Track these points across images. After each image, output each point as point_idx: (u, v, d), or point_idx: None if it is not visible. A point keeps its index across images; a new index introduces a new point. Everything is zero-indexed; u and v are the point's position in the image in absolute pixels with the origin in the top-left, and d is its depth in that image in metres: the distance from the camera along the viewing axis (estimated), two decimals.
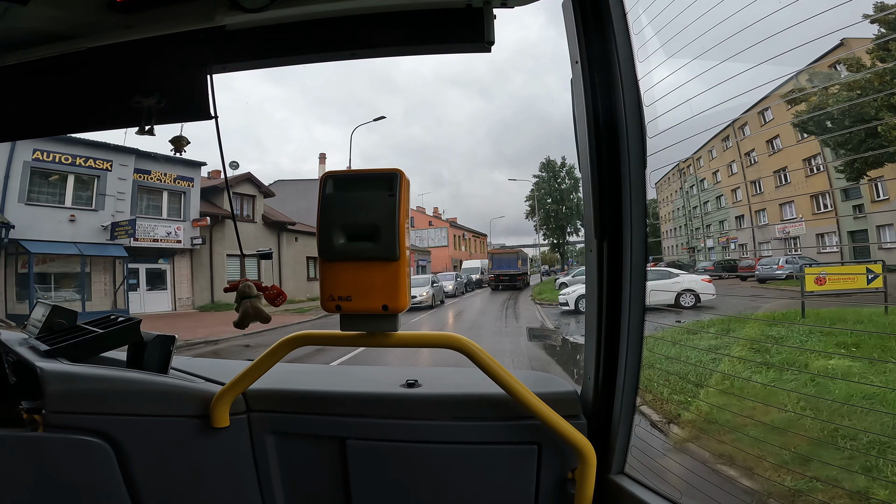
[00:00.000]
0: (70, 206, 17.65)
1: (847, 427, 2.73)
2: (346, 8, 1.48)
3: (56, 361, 1.50)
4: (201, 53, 1.53)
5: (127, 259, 18.68)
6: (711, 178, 5.85)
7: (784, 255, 6.69)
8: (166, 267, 20.64)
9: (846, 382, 3.37)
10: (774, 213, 5.47)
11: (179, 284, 20.86)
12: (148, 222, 19.74)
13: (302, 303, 21.02)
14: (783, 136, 3.85)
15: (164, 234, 20.21)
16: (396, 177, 1.23)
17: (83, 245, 17.55)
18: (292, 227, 25.36)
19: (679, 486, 1.34)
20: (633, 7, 1.35)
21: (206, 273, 21.42)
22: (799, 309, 5.35)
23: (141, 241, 19.12)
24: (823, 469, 2.17)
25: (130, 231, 18.32)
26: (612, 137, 1.37)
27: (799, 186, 4.49)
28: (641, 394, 2.10)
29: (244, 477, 1.51)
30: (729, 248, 8.01)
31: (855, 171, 3.58)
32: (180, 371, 1.65)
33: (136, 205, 19.35)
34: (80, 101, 1.64)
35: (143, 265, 19.85)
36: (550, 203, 47.05)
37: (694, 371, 4.37)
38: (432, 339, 1.38)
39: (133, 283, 19.46)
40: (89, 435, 1.39)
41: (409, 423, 1.47)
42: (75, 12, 1.46)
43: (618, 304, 1.39)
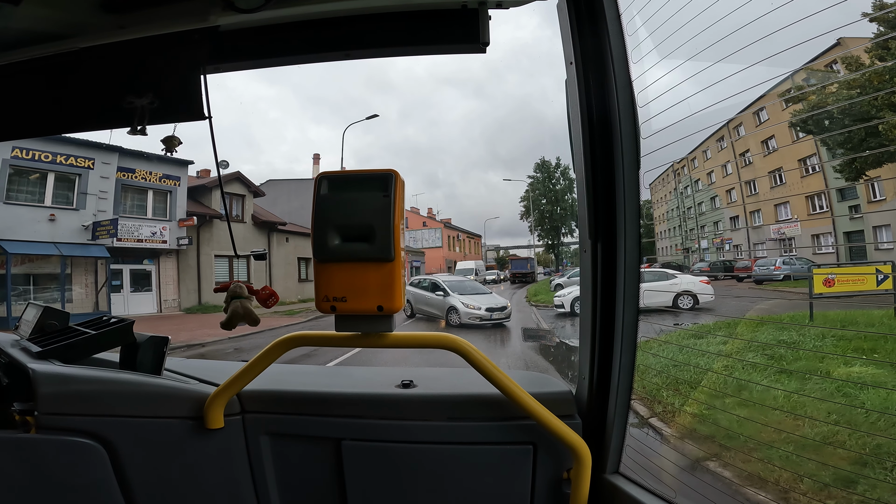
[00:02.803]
0: (50, 205, 17.38)
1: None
2: (341, 9, 1.50)
3: (48, 363, 1.52)
4: (195, 54, 1.54)
5: (109, 259, 18.44)
6: (706, 178, 5.91)
7: (780, 255, 6.74)
8: (151, 268, 20.37)
9: (882, 391, 3.21)
10: (769, 213, 5.52)
11: (165, 286, 20.61)
12: (132, 222, 19.45)
13: (292, 304, 20.84)
14: (778, 137, 3.91)
15: (148, 235, 19.93)
16: (391, 177, 1.25)
17: (63, 245, 17.29)
18: (283, 227, 25.14)
19: (673, 486, 1.37)
20: (627, 8, 1.38)
21: (192, 274, 21.18)
22: (803, 311, 5.19)
23: (124, 241, 18.86)
24: (875, 491, 2.08)
25: (112, 231, 18.02)
26: (606, 138, 1.40)
27: (794, 187, 4.54)
28: (650, 404, 2.08)
29: (239, 478, 1.53)
30: (723, 249, 7.99)
31: (854, 170, 3.62)
32: (174, 372, 1.67)
33: (119, 204, 19.10)
34: (73, 102, 1.65)
35: (127, 266, 19.59)
36: (545, 204, 47.42)
37: (706, 378, 4.17)
38: (427, 340, 1.41)
39: (116, 285, 19.25)
40: (82, 436, 1.41)
41: (405, 423, 1.50)
42: (68, 12, 1.48)
43: (612, 304, 1.43)
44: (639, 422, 1.86)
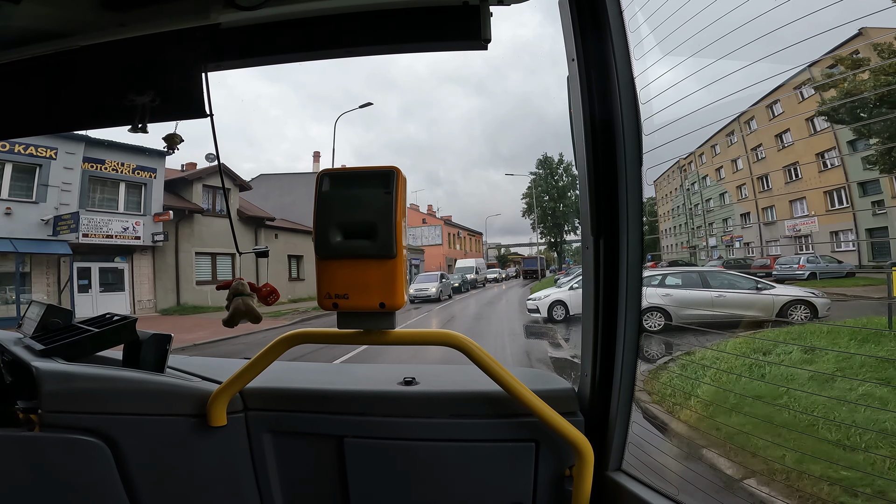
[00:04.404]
0: (6, 197, 16.54)
1: None
2: (343, 6, 1.55)
3: (52, 361, 1.56)
4: (196, 51, 1.59)
5: (72, 257, 17.59)
6: (714, 174, 5.89)
7: (801, 253, 6.67)
8: (124, 266, 19.65)
9: None
10: (783, 209, 5.53)
11: (140, 285, 19.90)
12: (100, 216, 18.67)
13: (281, 305, 20.24)
14: (794, 130, 3.92)
15: (119, 230, 19.16)
16: (393, 174, 1.29)
17: (20, 241, 16.45)
18: (271, 222, 24.82)
19: (676, 483, 1.42)
20: (629, 5, 1.42)
21: (170, 272, 20.54)
22: (875, 316, 4.61)
23: (92, 237, 18.13)
24: None
25: (73, 225, 17.13)
26: (609, 135, 1.44)
27: (811, 182, 4.54)
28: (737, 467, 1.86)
29: (242, 476, 1.58)
30: (733, 247, 7.98)
31: (891, 160, 3.56)
32: (177, 370, 1.72)
33: (86, 197, 18.25)
34: (74, 100, 1.70)
35: (95, 264, 18.83)
36: (548, 201, 47.49)
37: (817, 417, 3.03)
38: (430, 337, 1.46)
39: (84, 284, 18.46)
40: (86, 434, 1.45)
41: (407, 420, 1.55)
42: (68, 10, 1.52)
43: (614, 300, 1.47)
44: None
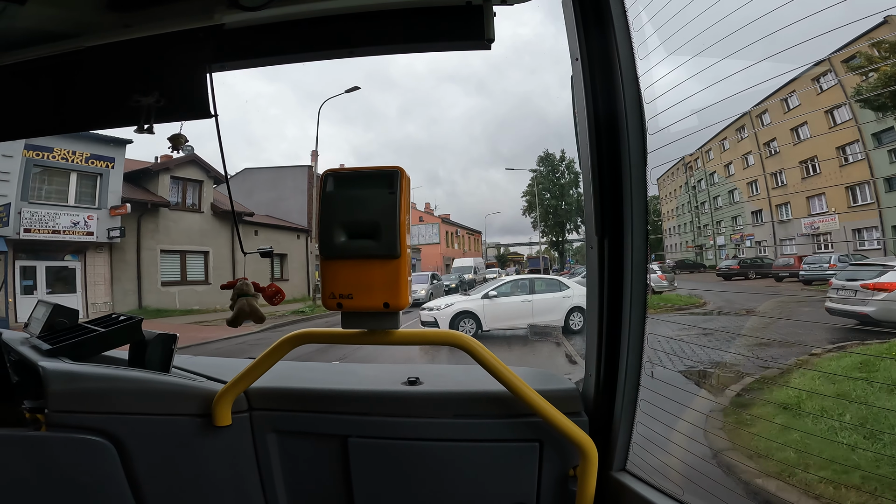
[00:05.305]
0: None
1: None
2: (346, 6, 1.58)
3: (58, 361, 1.60)
4: (200, 52, 1.62)
5: (6, 254, 15.57)
6: (723, 171, 5.80)
7: (827, 252, 6.53)
8: (76, 265, 17.56)
9: None
10: (800, 207, 5.45)
11: (94, 286, 17.79)
12: (46, 209, 16.56)
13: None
14: (812, 124, 3.87)
15: (68, 225, 17.01)
16: (397, 174, 1.32)
17: None
18: (250, 217, 22.57)
19: (681, 483, 1.44)
20: (633, 4, 1.44)
21: (131, 272, 18.58)
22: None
23: (35, 232, 16.20)
24: None
25: (5, 219, 15.35)
26: (613, 134, 1.47)
27: (831, 177, 4.47)
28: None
29: (246, 475, 1.62)
30: (743, 246, 7.87)
31: None
32: (182, 370, 1.76)
33: (28, 188, 16.25)
34: (79, 101, 1.74)
35: (42, 262, 16.77)
36: (549, 198, 47.23)
37: None
38: (434, 337, 1.50)
39: (28, 285, 16.43)
40: (92, 434, 1.49)
41: (411, 420, 1.58)
42: (73, 11, 1.57)
43: (619, 300, 1.50)
44: None
